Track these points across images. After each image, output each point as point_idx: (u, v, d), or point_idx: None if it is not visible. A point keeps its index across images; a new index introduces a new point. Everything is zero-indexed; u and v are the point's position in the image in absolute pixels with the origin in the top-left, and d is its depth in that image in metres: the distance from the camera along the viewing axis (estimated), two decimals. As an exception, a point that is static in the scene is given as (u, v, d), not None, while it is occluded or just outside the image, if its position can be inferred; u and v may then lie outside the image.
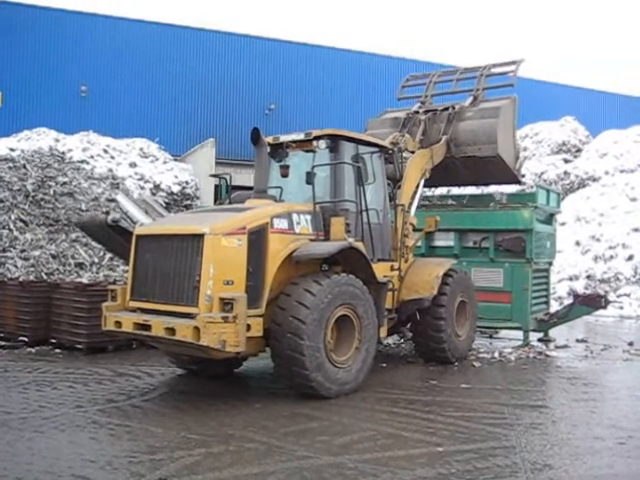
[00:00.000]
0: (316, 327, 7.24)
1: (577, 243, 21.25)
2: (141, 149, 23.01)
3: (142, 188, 20.60)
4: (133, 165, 21.64)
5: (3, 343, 10.85)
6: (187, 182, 22.35)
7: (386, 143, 9.95)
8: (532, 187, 17.09)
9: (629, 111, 36.43)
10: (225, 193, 9.44)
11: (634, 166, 24.77)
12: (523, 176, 19.89)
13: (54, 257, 14.12)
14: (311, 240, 8.02)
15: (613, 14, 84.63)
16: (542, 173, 26.15)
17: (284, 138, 8.96)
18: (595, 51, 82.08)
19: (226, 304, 6.75)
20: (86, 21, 28.56)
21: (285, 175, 8.61)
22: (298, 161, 8.92)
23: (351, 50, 34.16)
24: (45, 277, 13.20)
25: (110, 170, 20.04)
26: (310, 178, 8.14)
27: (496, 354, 10.88)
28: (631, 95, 40.04)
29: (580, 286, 19.34)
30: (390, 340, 11.87)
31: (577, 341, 12.66)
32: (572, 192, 24.56)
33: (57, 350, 10.58)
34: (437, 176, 11.28)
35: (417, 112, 12.24)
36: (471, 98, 12.21)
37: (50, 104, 27.01)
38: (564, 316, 12.45)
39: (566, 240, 20.39)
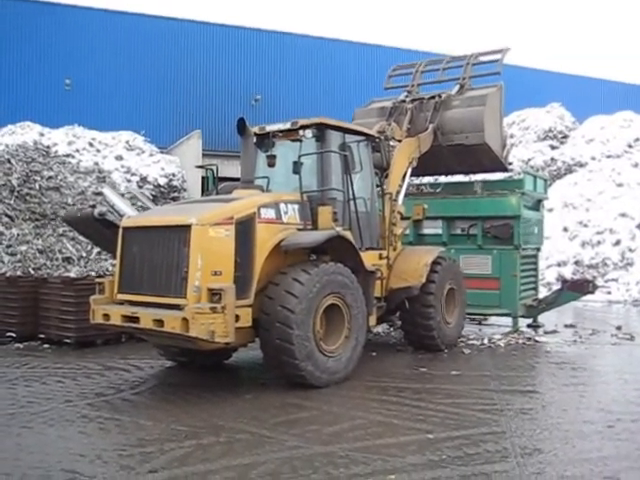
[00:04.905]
0: (305, 316, 7.23)
1: (565, 229, 21.34)
2: (127, 142, 22.85)
3: (129, 181, 20.48)
4: (119, 158, 21.50)
5: (-9, 339, 10.79)
6: (174, 174, 22.23)
7: (373, 132, 9.92)
8: (519, 174, 17.10)
9: (615, 97, 36.54)
10: (212, 184, 9.39)
11: (620, 151, 24.85)
12: (510, 163, 19.96)
13: (41, 252, 14.01)
14: (299, 229, 8.00)
15: (598, 2, 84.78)
16: (529, 160, 26.16)
17: (270, 128, 8.92)
18: (581, 37, 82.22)
19: (214, 295, 6.72)
20: (69, 13, 28.25)
21: (272, 165, 8.57)
22: (285, 151, 8.88)
23: (337, 39, 34.00)
24: (32, 272, 13.10)
25: (96, 163, 19.90)
26: (297, 168, 8.12)
27: (485, 341, 10.92)
28: (617, 81, 40.15)
29: (568, 272, 19.45)
30: (379, 329, 11.88)
31: (566, 326, 12.72)
32: (559, 178, 24.61)
33: (45, 345, 10.52)
34: (424, 164, 11.25)
35: (404, 101, 12.20)
36: (457, 87, 12.18)
37: (34, 98, 26.75)
38: (552, 302, 12.52)
39: (554, 226, 20.46)
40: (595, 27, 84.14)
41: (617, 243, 20.15)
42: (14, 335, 10.71)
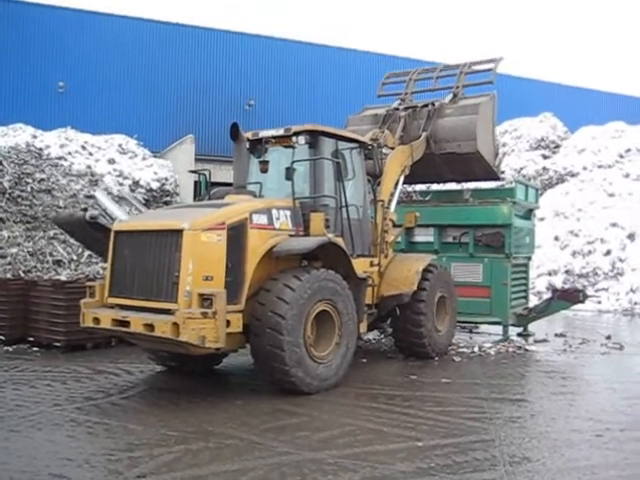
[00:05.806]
0: (296, 322, 7.23)
1: (556, 238, 21.41)
2: (120, 145, 22.82)
3: (121, 185, 20.44)
4: (112, 161, 21.46)
5: (-20, 342, 10.73)
6: (166, 178, 22.19)
7: (366, 139, 9.94)
8: (511, 182, 17.18)
9: (607, 107, 36.78)
10: (204, 189, 9.39)
11: (612, 162, 24.97)
12: (502, 172, 20.06)
13: (32, 254, 13.97)
14: (291, 235, 8.00)
15: (590, 11, 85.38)
16: (521, 169, 26.28)
17: (263, 134, 8.93)
18: (574, 48, 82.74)
19: (205, 300, 6.72)
20: (64, 16, 28.21)
21: (264, 171, 8.58)
22: (277, 157, 8.90)
23: (330, 46, 34.08)
24: (23, 275, 13.05)
25: (88, 167, 19.88)
26: (289, 174, 8.12)
27: (476, 349, 10.94)
28: (609, 91, 40.42)
29: (559, 281, 19.51)
30: (370, 335, 11.90)
31: (556, 335, 12.75)
32: (551, 187, 24.72)
33: (35, 348, 10.46)
34: (417, 172, 11.30)
35: (397, 109, 12.25)
36: (451, 95, 12.25)
37: (27, 100, 26.67)
38: (543, 311, 12.56)
39: (545, 235, 20.53)
40: (588, 38, 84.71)
41: (608, 253, 20.24)
42: (3, 338, 10.64)
